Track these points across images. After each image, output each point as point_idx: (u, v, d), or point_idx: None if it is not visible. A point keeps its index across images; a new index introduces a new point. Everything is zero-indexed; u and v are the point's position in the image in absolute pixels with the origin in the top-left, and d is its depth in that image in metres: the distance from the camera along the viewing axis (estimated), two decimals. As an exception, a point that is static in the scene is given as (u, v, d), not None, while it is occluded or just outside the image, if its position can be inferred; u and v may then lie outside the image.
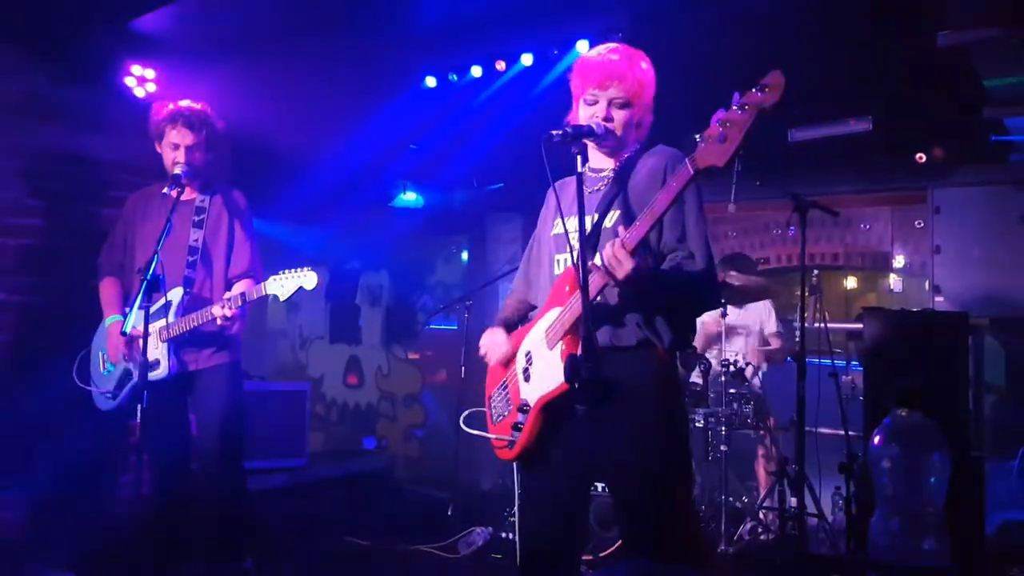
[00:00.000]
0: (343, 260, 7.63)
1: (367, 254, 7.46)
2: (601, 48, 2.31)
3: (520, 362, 2.34)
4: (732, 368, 4.78)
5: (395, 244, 6.98)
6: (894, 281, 6.49)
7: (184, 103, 3.38)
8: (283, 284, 3.05)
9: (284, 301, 3.09)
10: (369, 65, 4.78)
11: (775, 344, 5.27)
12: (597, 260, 2.06)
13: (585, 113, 2.26)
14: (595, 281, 2.06)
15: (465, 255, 7.15)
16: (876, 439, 1.36)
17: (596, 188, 2.32)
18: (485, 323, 7.01)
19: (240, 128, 4.62)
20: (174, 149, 3.32)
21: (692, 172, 1.93)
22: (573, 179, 2.37)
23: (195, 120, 3.33)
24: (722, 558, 4.30)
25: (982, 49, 3.71)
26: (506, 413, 2.38)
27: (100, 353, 3.49)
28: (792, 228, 4.47)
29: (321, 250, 6.57)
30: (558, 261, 2.34)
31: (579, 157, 2.09)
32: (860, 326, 4.57)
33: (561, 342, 2.15)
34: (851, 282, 8.89)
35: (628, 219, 2.13)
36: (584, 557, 3.61)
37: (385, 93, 5.13)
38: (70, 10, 3.94)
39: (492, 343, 2.46)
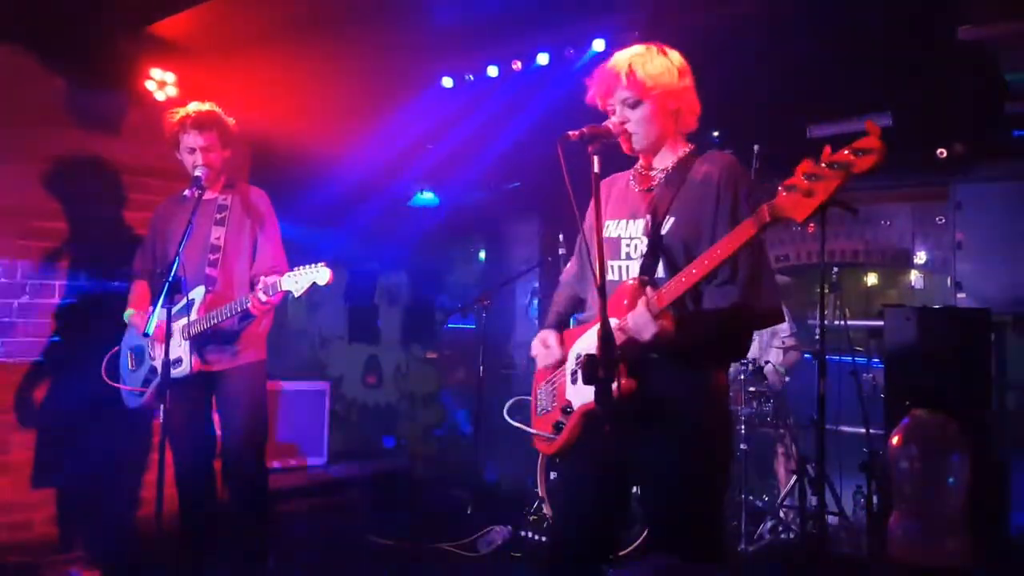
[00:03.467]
0: (361, 260, 7.67)
1: (385, 254, 7.49)
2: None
3: (570, 363, 2.33)
4: (751, 367, 4.76)
5: (413, 244, 7.01)
6: (915, 278, 6.43)
7: (192, 107, 3.42)
8: (297, 280, 3.07)
9: (298, 297, 3.10)
10: (386, 66, 4.80)
11: (791, 343, 5.25)
12: (660, 271, 2.06)
13: (612, 122, 2.25)
14: (619, 339, 2.02)
15: (483, 255, 7.16)
16: (895, 439, 1.35)
17: (648, 187, 2.28)
18: (502, 322, 7.02)
19: (259, 129, 4.67)
20: (191, 153, 3.37)
21: (768, 219, 1.85)
22: (620, 176, 2.41)
23: (205, 122, 3.37)
24: (742, 557, 4.28)
25: (1004, 43, 3.66)
26: (550, 409, 2.39)
27: (128, 352, 3.53)
28: (812, 225, 4.45)
29: (340, 250, 6.61)
30: (612, 268, 2.27)
31: (596, 158, 2.08)
32: (881, 323, 4.54)
33: (582, 366, 2.11)
34: (872, 279, 8.82)
35: (683, 227, 2.13)
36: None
37: (403, 94, 5.15)
38: (90, 15, 3.99)
39: (543, 349, 2.41)
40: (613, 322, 2.13)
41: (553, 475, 4.61)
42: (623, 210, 2.29)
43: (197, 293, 3.28)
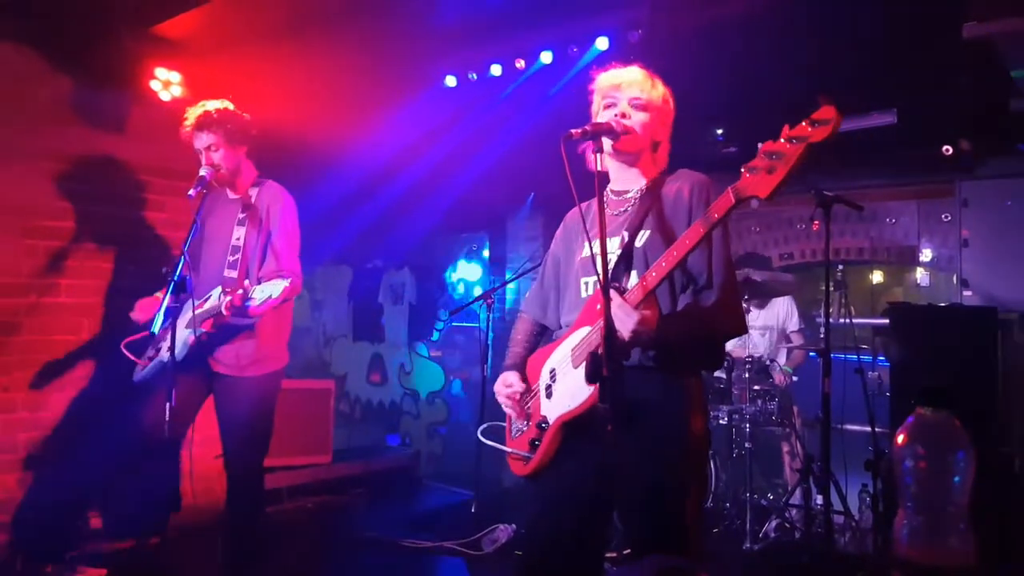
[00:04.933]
0: (366, 258, 7.68)
1: (390, 252, 7.50)
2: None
3: (544, 379, 2.31)
4: (756, 365, 4.75)
5: (417, 242, 7.01)
6: (921, 275, 6.41)
7: (199, 107, 3.41)
8: (263, 289, 3.05)
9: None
10: (390, 64, 4.80)
11: (797, 341, 5.24)
12: (633, 279, 2.10)
13: (604, 116, 2.26)
14: (597, 341, 2.02)
15: (487, 253, 7.16)
16: (900, 438, 1.36)
17: (622, 210, 2.30)
18: (507, 320, 6.98)
19: (263, 127, 4.68)
20: (200, 154, 3.37)
21: (733, 201, 1.88)
22: (592, 202, 2.32)
23: (205, 122, 3.35)
24: (747, 556, 4.28)
25: (1008, 40, 3.64)
26: (524, 428, 2.36)
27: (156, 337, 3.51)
28: (817, 223, 4.43)
29: (344, 249, 6.62)
30: (586, 284, 2.30)
31: (598, 156, 2.08)
32: (886, 321, 4.52)
33: (586, 362, 2.10)
34: (877, 277, 8.79)
35: (657, 240, 2.16)
36: (608, 555, 3.61)
37: (405, 93, 5.15)
38: (95, 16, 4.00)
39: (505, 389, 2.41)
40: (586, 329, 2.17)
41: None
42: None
43: (215, 293, 3.28)
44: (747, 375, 4.71)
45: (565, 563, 2.19)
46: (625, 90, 2.25)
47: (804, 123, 1.74)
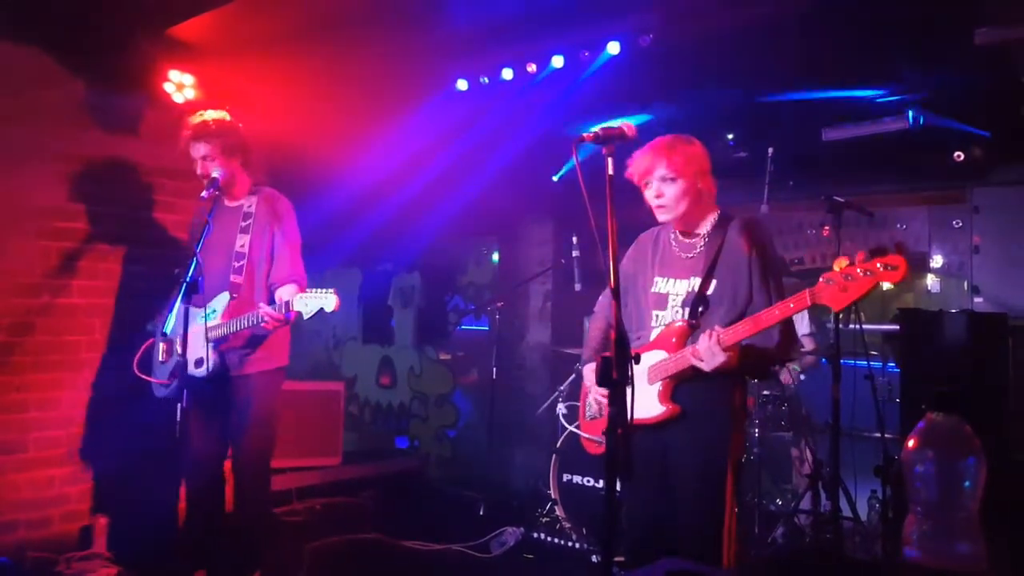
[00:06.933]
0: (376, 262, 7.70)
1: (399, 256, 7.52)
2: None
3: None
4: (765, 369, 4.73)
5: (427, 246, 7.02)
6: (932, 282, 6.38)
7: (198, 117, 3.49)
8: (307, 303, 3.09)
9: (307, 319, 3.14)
10: (402, 68, 4.82)
11: (808, 346, 5.22)
12: (700, 345, 2.46)
13: (646, 195, 2.65)
14: (682, 363, 2.50)
15: (496, 256, 7.17)
16: (910, 443, 1.36)
17: (690, 255, 2.69)
18: (516, 324, 6.97)
19: (276, 131, 4.71)
20: (196, 163, 3.46)
21: (809, 304, 2.29)
22: (660, 233, 2.81)
23: (201, 133, 3.43)
24: (755, 562, 4.26)
25: (1021, 46, 3.63)
26: (599, 416, 2.78)
27: (161, 345, 3.57)
28: (827, 228, 4.43)
29: (354, 252, 6.64)
30: (656, 315, 2.69)
31: (610, 160, 2.11)
32: (897, 327, 4.50)
33: (660, 383, 2.58)
34: (887, 283, 8.76)
35: (723, 290, 2.58)
36: (616, 559, 3.61)
37: (417, 96, 5.17)
38: (110, 18, 4.04)
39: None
40: (662, 354, 2.59)
41: (566, 477, 4.61)
42: (670, 270, 2.72)
43: (221, 300, 3.32)
44: (756, 380, 4.70)
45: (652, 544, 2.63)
46: (655, 171, 2.58)
47: (878, 263, 2.10)
